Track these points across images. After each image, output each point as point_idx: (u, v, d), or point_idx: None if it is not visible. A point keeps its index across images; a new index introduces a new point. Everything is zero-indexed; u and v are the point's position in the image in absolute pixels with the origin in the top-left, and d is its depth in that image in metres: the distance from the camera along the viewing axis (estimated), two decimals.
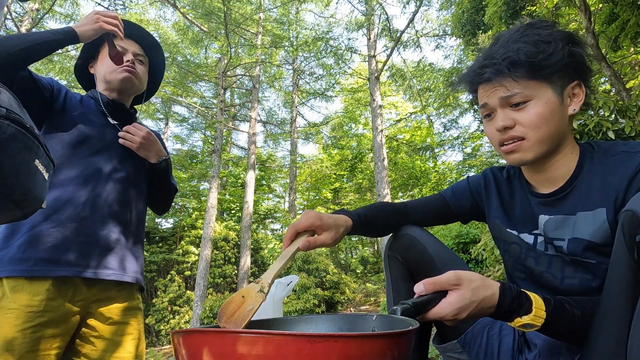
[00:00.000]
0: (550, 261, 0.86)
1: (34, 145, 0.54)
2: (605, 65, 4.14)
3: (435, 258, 0.97)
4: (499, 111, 0.82)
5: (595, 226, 0.76)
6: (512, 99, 0.79)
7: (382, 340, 0.51)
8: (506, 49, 0.78)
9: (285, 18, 13.80)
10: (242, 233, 11.48)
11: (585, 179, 0.80)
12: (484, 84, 0.83)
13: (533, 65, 0.76)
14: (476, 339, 0.96)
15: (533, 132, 0.78)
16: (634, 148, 0.76)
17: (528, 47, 0.76)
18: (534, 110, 0.77)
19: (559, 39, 0.77)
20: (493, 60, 0.79)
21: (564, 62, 0.77)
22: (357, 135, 16.94)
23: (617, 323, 0.63)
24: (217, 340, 0.51)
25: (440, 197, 1.09)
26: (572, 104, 0.80)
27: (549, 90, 0.78)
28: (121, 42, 1.27)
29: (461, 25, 5.80)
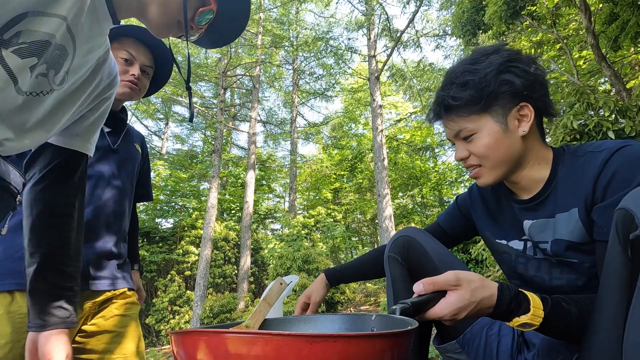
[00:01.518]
0: (539, 265, 0.88)
1: None
2: (605, 65, 4.14)
3: (434, 258, 0.99)
4: (456, 143, 0.90)
5: (571, 226, 0.79)
6: (460, 135, 0.86)
7: (381, 340, 0.51)
8: (443, 93, 0.86)
9: (285, 18, 13.81)
10: (242, 233, 11.49)
11: (559, 182, 0.83)
12: (442, 122, 0.92)
13: (463, 106, 0.83)
14: (475, 339, 0.97)
15: (485, 160, 0.85)
16: (598, 147, 0.79)
17: (455, 91, 0.83)
18: (480, 142, 0.84)
19: (490, 71, 0.81)
20: (436, 104, 0.89)
21: (497, 93, 0.81)
22: (357, 135, 16.94)
23: (612, 320, 0.64)
24: (215, 340, 0.51)
25: (436, 225, 1.16)
26: (521, 126, 0.83)
27: (489, 120, 0.83)
28: (131, 48, 1.21)
29: (461, 25, 5.79)
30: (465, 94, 0.82)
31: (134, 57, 1.21)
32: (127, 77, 1.19)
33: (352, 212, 16.92)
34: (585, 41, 5.69)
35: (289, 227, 10.90)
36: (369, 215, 16.76)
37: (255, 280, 12.96)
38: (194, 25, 0.78)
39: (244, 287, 10.72)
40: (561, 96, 5.89)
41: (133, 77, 1.19)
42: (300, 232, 9.73)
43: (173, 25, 0.75)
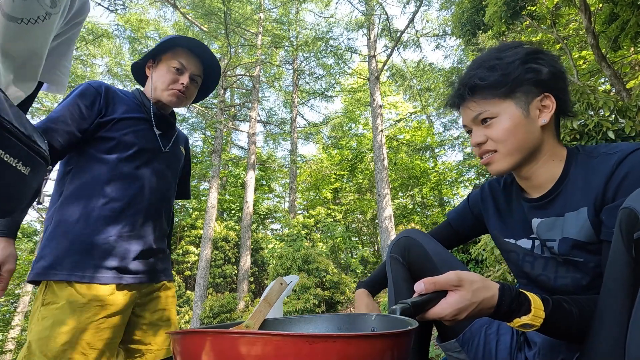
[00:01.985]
0: (545, 264, 0.88)
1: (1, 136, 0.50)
2: (605, 65, 4.15)
3: (434, 259, 1.00)
4: (473, 129, 0.90)
5: (579, 225, 0.79)
6: (479, 117, 0.87)
7: (381, 340, 0.51)
8: (467, 75, 0.88)
9: (285, 18, 13.81)
10: (242, 233, 11.49)
11: (571, 182, 0.83)
12: (460, 108, 0.93)
13: (489, 86, 0.84)
14: (474, 338, 0.98)
15: (502, 145, 0.85)
16: (612, 149, 0.80)
17: (483, 72, 0.85)
18: (500, 125, 0.84)
19: (517, 59, 0.83)
20: (458, 87, 0.90)
21: (522, 79, 0.83)
22: (357, 135, 16.94)
23: (615, 320, 0.64)
24: (215, 340, 0.51)
25: (447, 222, 1.17)
26: (542, 116, 0.84)
27: (512, 106, 0.84)
28: (183, 58, 1.29)
29: (461, 25, 5.79)
30: (492, 75, 0.84)
31: (184, 67, 1.30)
32: (177, 85, 1.29)
33: (352, 212, 16.92)
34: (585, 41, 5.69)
35: (289, 227, 10.90)
36: (369, 215, 16.76)
37: (255, 280, 12.96)
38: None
39: (244, 287, 10.72)
40: None
41: (182, 86, 1.29)
42: (300, 232, 9.73)
43: None
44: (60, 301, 1.07)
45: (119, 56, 12.55)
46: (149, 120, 1.29)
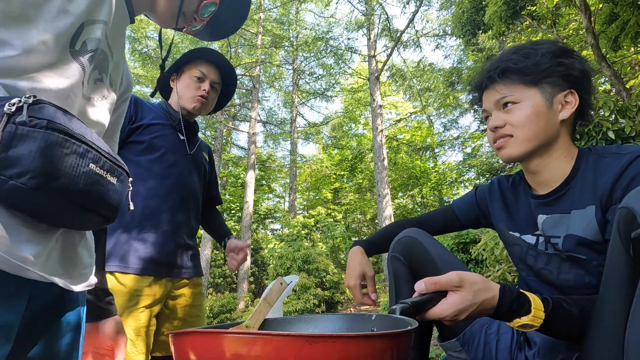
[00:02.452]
0: (548, 259, 0.89)
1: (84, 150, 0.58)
2: (605, 65, 4.15)
3: (436, 258, 1.00)
4: (493, 113, 0.91)
5: (585, 223, 0.80)
6: (502, 101, 0.88)
7: (381, 340, 0.51)
8: (500, 60, 0.90)
9: (285, 18, 13.81)
10: (242, 233, 11.49)
11: (579, 180, 0.84)
12: (484, 90, 0.94)
13: (520, 71, 0.86)
14: (474, 338, 0.98)
15: (520, 130, 0.86)
16: (623, 150, 0.81)
17: (516, 57, 0.87)
18: (522, 111, 0.86)
19: (550, 51, 0.85)
20: (489, 70, 0.91)
21: (551, 70, 0.84)
22: (357, 135, 16.94)
23: (614, 319, 0.64)
24: (216, 341, 0.51)
25: (450, 207, 1.18)
26: (564, 110, 0.86)
27: (537, 94, 0.85)
28: (203, 67, 1.40)
29: (461, 25, 5.79)
30: (525, 61, 0.85)
31: (205, 75, 1.41)
32: (199, 92, 1.40)
33: (352, 212, 16.92)
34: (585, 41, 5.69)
35: (289, 227, 10.90)
36: (369, 215, 16.76)
37: (255, 280, 12.96)
38: (197, 17, 0.82)
39: (244, 287, 10.72)
40: None
41: (204, 92, 1.40)
42: (300, 232, 9.74)
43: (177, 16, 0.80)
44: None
45: None
46: (174, 127, 1.40)
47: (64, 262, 0.67)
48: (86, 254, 0.74)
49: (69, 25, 0.60)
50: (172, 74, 1.46)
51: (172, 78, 1.46)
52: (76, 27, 0.61)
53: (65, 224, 0.63)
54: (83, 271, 0.72)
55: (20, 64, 0.56)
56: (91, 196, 0.59)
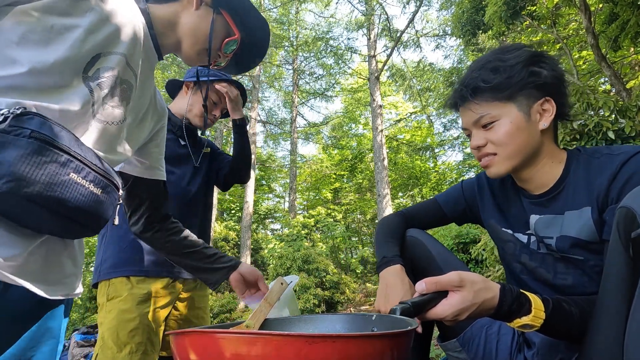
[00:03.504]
0: (543, 259, 0.89)
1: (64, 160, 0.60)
2: (605, 65, 4.15)
3: (437, 258, 1.00)
4: (473, 132, 0.90)
5: (581, 224, 0.80)
6: (480, 121, 0.86)
7: (381, 340, 0.51)
8: (470, 77, 0.87)
9: (285, 18, 13.80)
10: (242, 233, 11.49)
11: (572, 181, 0.84)
12: (460, 108, 0.92)
13: (492, 89, 0.84)
14: (475, 338, 0.97)
15: (502, 148, 0.85)
16: (615, 151, 0.80)
17: (486, 74, 0.84)
18: (501, 129, 0.84)
19: (520, 62, 0.83)
20: (459, 88, 0.89)
21: (525, 82, 0.83)
22: (357, 135, 16.94)
23: (613, 319, 0.64)
24: (216, 341, 0.51)
25: (435, 202, 1.15)
26: (542, 120, 0.85)
27: (513, 109, 0.84)
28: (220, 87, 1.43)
29: (461, 25, 5.79)
30: (496, 77, 0.83)
31: (220, 101, 1.47)
32: (210, 116, 1.46)
33: (352, 212, 16.92)
34: (585, 41, 5.69)
35: (289, 227, 10.90)
36: (369, 215, 16.76)
37: None
38: (221, 54, 0.91)
39: None
40: None
41: (214, 117, 1.48)
42: (300, 232, 9.73)
43: (202, 54, 0.88)
44: (122, 294, 1.23)
45: None
46: (174, 132, 1.42)
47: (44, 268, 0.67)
48: (69, 263, 0.74)
49: (84, 53, 0.65)
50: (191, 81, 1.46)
51: (187, 84, 1.46)
52: (91, 56, 0.66)
53: (45, 230, 0.64)
54: (64, 280, 0.72)
55: (27, 83, 0.59)
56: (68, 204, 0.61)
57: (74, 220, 0.64)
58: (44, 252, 0.67)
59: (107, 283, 1.26)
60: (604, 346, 0.65)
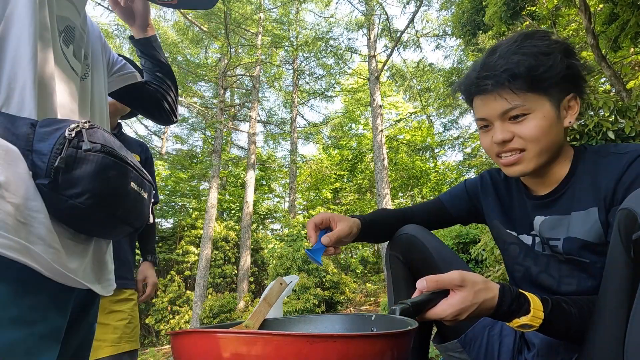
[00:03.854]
0: (547, 262, 0.88)
1: (127, 171, 0.64)
2: (605, 65, 4.14)
3: (436, 257, 0.97)
4: (497, 124, 0.81)
5: (588, 225, 0.78)
6: (511, 112, 0.78)
7: (381, 340, 0.51)
8: (506, 61, 0.77)
9: (285, 18, 13.80)
10: (242, 233, 11.49)
11: (578, 180, 0.82)
12: (482, 95, 0.82)
13: (533, 78, 0.76)
14: (477, 339, 0.96)
15: (532, 145, 0.78)
16: (622, 150, 0.78)
17: (528, 60, 0.76)
18: (533, 123, 0.77)
19: (557, 51, 0.77)
20: (493, 72, 0.78)
21: (562, 75, 0.77)
22: (357, 135, 16.93)
23: (614, 321, 0.64)
24: (215, 341, 0.51)
25: (438, 201, 1.11)
26: (568, 117, 0.81)
27: (547, 103, 0.78)
28: None
29: (461, 26, 5.79)
30: (539, 65, 0.75)
31: None
32: None
33: (352, 212, 16.90)
34: (585, 41, 5.69)
35: (289, 227, 10.89)
36: None
37: (255, 280, 12.95)
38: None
39: (243, 287, 10.72)
40: None
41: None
42: (300, 232, 9.72)
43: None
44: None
45: None
46: None
47: (95, 269, 0.71)
48: (110, 261, 0.80)
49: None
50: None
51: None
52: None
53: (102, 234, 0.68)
54: (109, 276, 0.78)
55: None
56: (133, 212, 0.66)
57: (128, 223, 0.67)
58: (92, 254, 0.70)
59: None
60: (604, 348, 0.65)
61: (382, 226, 1.06)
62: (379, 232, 1.06)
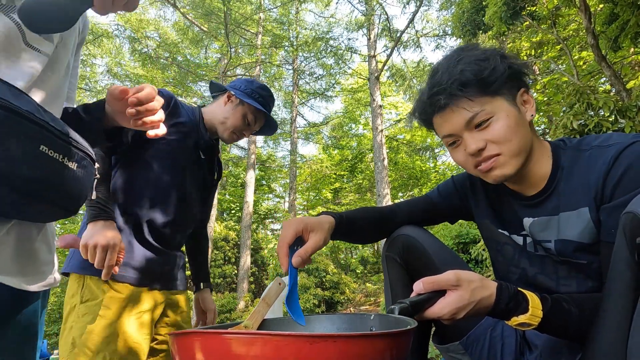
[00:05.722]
0: (542, 262, 0.87)
1: (34, 131, 0.52)
2: (605, 65, 4.14)
3: (435, 259, 0.95)
4: (465, 135, 0.79)
5: (581, 226, 0.76)
6: (475, 120, 0.77)
7: (381, 339, 0.51)
8: (450, 74, 0.77)
9: (285, 18, 13.80)
10: (242, 233, 11.49)
11: (564, 179, 0.80)
12: (440, 112, 0.81)
13: (482, 81, 0.76)
14: (479, 341, 0.95)
15: (506, 146, 0.77)
16: (605, 142, 0.76)
17: (471, 66, 0.76)
18: (500, 124, 0.76)
19: (493, 55, 0.79)
20: (442, 86, 0.78)
21: (507, 74, 0.77)
22: (357, 135, 16.94)
23: (617, 323, 0.64)
24: (215, 341, 0.51)
25: (426, 198, 1.08)
26: (528, 110, 0.81)
27: (504, 103, 0.78)
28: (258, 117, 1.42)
29: (461, 26, 5.79)
30: (482, 70, 0.76)
31: (254, 123, 1.42)
32: (240, 134, 1.42)
33: None
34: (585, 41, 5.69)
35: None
36: None
37: (255, 280, 12.96)
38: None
39: (243, 287, 10.72)
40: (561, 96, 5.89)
41: (244, 136, 1.44)
42: None
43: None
44: (99, 297, 1.13)
45: (119, 56, 12.55)
46: (198, 144, 1.37)
47: (18, 258, 0.60)
48: (45, 249, 0.67)
49: None
50: (234, 92, 1.39)
51: (230, 95, 1.40)
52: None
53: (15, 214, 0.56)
54: (41, 268, 0.66)
55: None
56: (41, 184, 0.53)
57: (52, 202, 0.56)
58: (14, 240, 0.59)
59: (80, 280, 1.14)
60: (607, 349, 0.65)
61: (362, 227, 0.99)
62: (358, 233, 0.99)
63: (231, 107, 1.40)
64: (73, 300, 1.14)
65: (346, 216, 0.93)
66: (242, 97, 1.37)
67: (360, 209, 1.02)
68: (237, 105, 1.39)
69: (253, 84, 1.42)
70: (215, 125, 1.41)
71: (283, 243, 0.78)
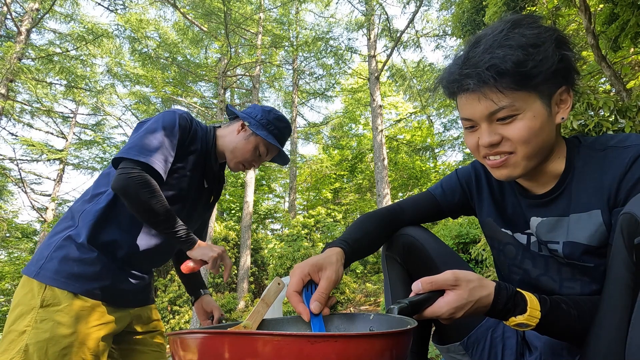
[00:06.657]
0: (546, 263, 0.85)
1: None
2: (605, 65, 4.14)
3: (435, 259, 0.94)
4: (483, 125, 0.74)
5: (592, 229, 0.74)
6: (499, 113, 0.70)
7: (381, 339, 0.51)
8: (491, 55, 0.68)
9: (285, 18, 13.80)
10: (242, 233, 11.49)
11: (576, 179, 0.77)
12: (465, 94, 0.74)
13: (521, 74, 0.67)
14: (479, 342, 0.94)
15: (522, 147, 0.71)
16: (621, 143, 0.72)
17: (516, 54, 0.67)
18: (523, 124, 0.70)
19: (548, 42, 0.68)
20: (477, 69, 0.69)
21: (554, 69, 0.68)
22: (357, 135, 16.94)
23: (615, 324, 0.64)
24: (215, 341, 0.51)
25: (429, 195, 1.04)
26: (560, 112, 0.73)
27: (537, 101, 0.70)
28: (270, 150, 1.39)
29: (461, 26, 5.79)
30: (529, 60, 0.66)
31: (266, 156, 1.39)
32: (249, 166, 1.38)
33: (352, 212, 16.90)
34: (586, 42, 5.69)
35: (289, 227, 10.89)
36: None
37: (255, 280, 12.95)
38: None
39: (243, 287, 10.72)
40: None
41: (252, 167, 1.40)
42: (300, 232, 9.72)
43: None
44: (62, 303, 1.07)
45: (119, 56, 12.53)
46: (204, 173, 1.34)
47: None
48: None
49: None
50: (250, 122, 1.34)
51: (245, 123, 1.35)
52: None
53: None
54: None
55: None
56: None
57: None
58: None
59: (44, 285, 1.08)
60: (606, 350, 0.65)
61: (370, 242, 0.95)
62: (367, 249, 0.94)
63: (244, 137, 1.35)
64: (31, 303, 1.06)
65: (352, 239, 0.89)
66: (256, 129, 1.32)
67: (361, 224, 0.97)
68: (250, 136, 1.34)
69: (270, 115, 1.36)
70: (225, 152, 1.37)
71: (291, 293, 0.74)
